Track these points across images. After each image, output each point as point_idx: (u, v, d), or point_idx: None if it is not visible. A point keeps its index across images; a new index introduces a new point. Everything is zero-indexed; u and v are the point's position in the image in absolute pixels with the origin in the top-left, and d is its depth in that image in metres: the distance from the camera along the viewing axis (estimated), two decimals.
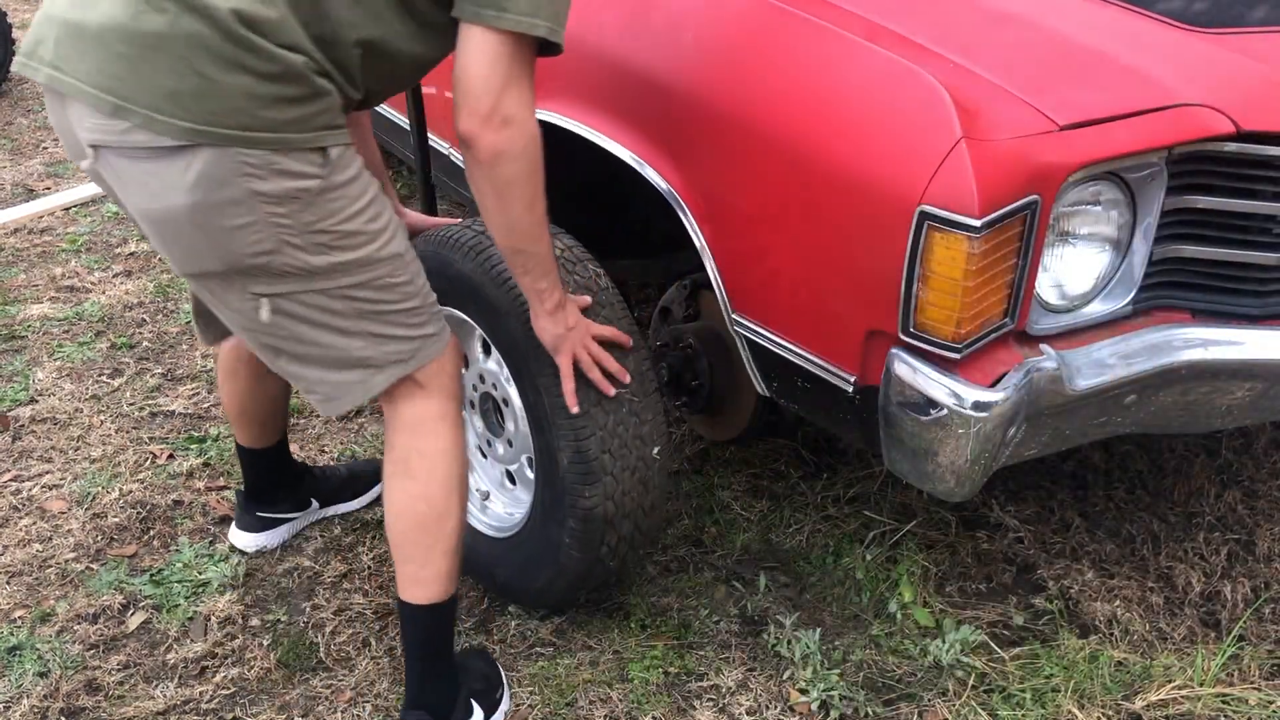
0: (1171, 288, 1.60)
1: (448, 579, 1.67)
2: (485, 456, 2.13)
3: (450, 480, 1.63)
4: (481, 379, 2.01)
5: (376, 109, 2.78)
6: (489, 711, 1.78)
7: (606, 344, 1.74)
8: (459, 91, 1.40)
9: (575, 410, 1.72)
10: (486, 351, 1.97)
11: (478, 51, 1.39)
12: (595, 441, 1.74)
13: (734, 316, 1.73)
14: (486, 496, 2.11)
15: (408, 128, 2.38)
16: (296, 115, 1.36)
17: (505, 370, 1.90)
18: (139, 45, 1.30)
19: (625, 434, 1.77)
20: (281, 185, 1.38)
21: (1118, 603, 2.05)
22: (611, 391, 1.73)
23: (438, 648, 1.73)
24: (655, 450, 1.82)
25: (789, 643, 1.96)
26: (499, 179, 1.47)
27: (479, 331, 1.93)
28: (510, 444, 2.03)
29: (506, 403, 1.97)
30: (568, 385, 1.70)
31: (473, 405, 2.10)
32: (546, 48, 1.43)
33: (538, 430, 1.80)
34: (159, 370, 2.91)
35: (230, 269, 1.43)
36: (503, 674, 1.86)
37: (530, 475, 2.00)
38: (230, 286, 1.46)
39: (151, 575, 2.16)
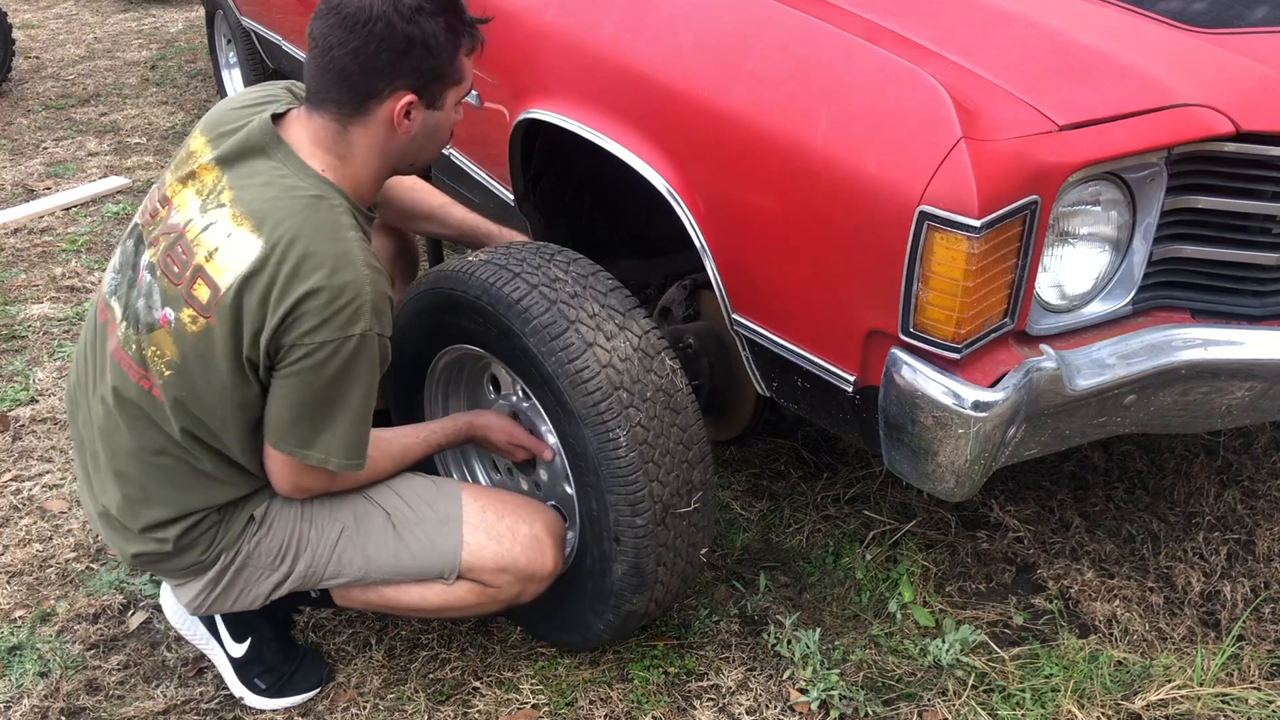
0: (1171, 288, 1.60)
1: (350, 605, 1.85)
2: (498, 474, 2.08)
3: (405, 608, 1.81)
4: (515, 416, 1.91)
5: None
6: (244, 668, 1.86)
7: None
8: (266, 472, 1.63)
9: (548, 457, 1.83)
10: (527, 399, 1.87)
11: (272, 461, 1.60)
12: (653, 557, 1.72)
13: (734, 316, 1.73)
14: None
15: None
16: (188, 561, 1.67)
17: (563, 460, 1.79)
18: None
19: (681, 545, 1.75)
20: (229, 582, 1.70)
21: (1118, 603, 2.05)
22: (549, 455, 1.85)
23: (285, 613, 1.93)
24: (703, 551, 1.83)
25: (789, 642, 1.96)
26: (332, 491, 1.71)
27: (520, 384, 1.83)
28: (538, 487, 1.96)
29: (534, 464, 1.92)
30: (529, 440, 1.86)
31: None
32: None
33: (595, 538, 1.75)
34: None
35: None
36: (293, 696, 1.87)
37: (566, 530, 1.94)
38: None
39: (152, 575, 2.16)
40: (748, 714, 1.84)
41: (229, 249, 1.49)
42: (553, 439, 1.81)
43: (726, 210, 1.68)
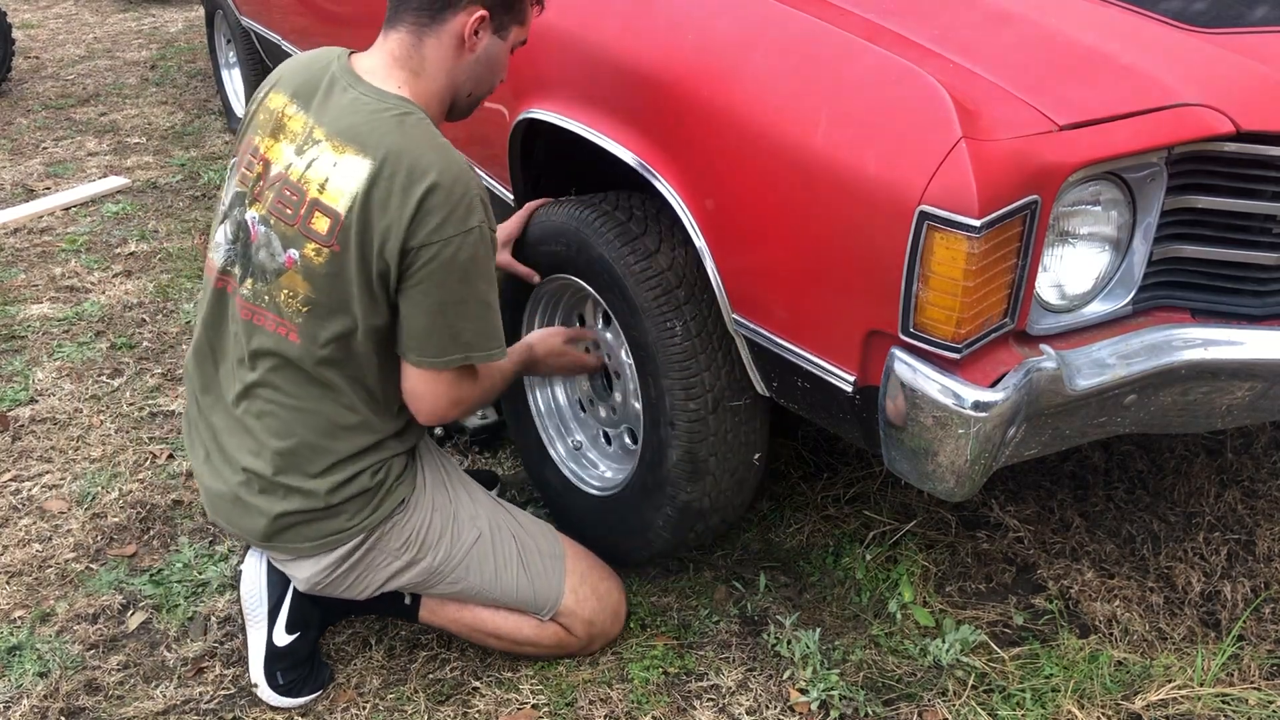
0: (1171, 288, 1.60)
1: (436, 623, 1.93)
2: (584, 411, 2.20)
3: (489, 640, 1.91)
4: (596, 345, 2.09)
5: None
6: (275, 659, 1.86)
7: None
8: (411, 401, 1.68)
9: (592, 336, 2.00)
10: (606, 322, 2.05)
11: (417, 383, 1.65)
12: (706, 445, 1.84)
13: (734, 317, 1.73)
14: (580, 447, 2.20)
15: None
16: (332, 528, 1.72)
17: (628, 355, 1.96)
18: None
19: (734, 440, 1.87)
20: (356, 561, 1.76)
21: (1118, 603, 2.05)
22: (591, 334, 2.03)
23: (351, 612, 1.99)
24: (756, 456, 1.93)
25: (789, 643, 1.96)
26: (470, 411, 1.76)
27: (603, 307, 1.99)
28: (614, 411, 2.11)
29: (618, 375, 2.05)
30: (587, 360, 2.03)
31: None
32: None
33: (653, 425, 1.89)
34: (159, 370, 2.91)
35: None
36: (299, 697, 1.87)
37: (629, 444, 2.10)
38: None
39: (151, 575, 2.16)
40: (748, 714, 1.84)
41: (339, 175, 1.56)
42: (612, 338, 2.01)
43: (726, 210, 1.68)
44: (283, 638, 1.86)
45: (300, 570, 1.77)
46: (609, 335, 2.04)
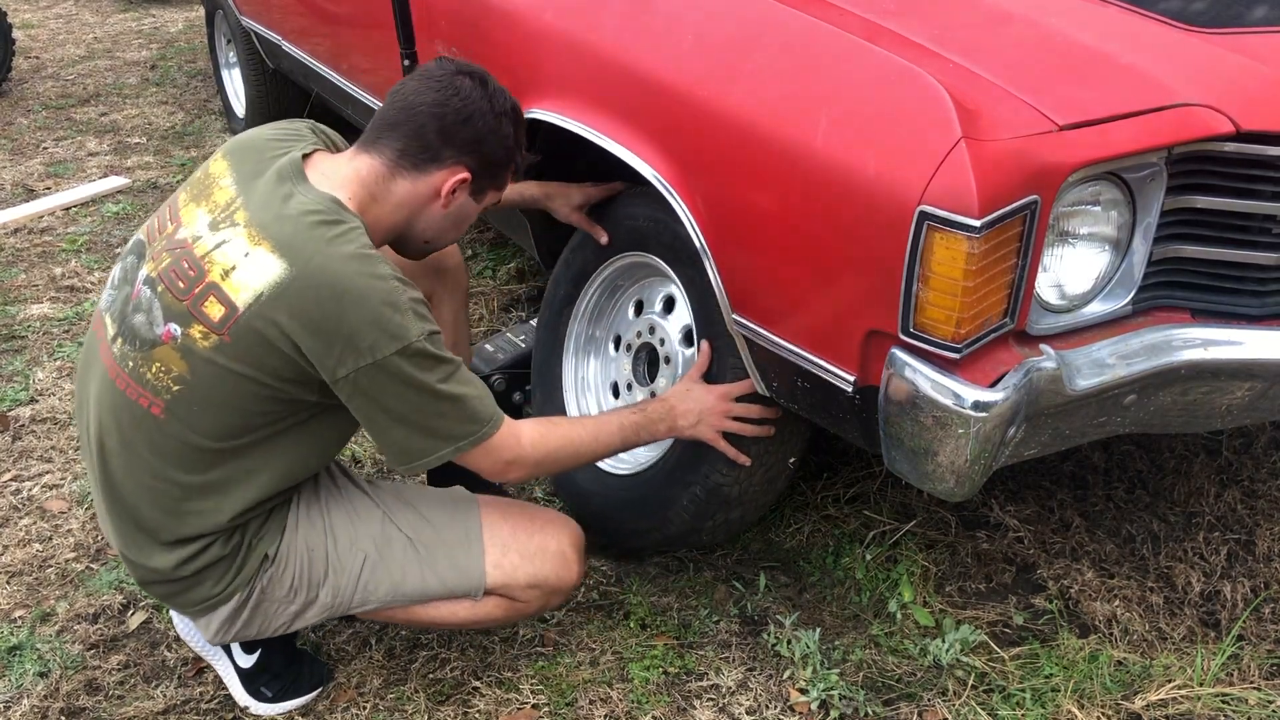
0: (1171, 288, 1.60)
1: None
2: (617, 397, 2.19)
3: (425, 623, 1.82)
4: (651, 330, 2.08)
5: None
6: (251, 678, 1.85)
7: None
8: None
9: (745, 463, 1.88)
10: (668, 310, 2.05)
11: (470, 463, 1.62)
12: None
13: (734, 317, 1.73)
14: None
15: None
16: (201, 595, 1.67)
17: (682, 343, 1.98)
18: None
19: (776, 433, 1.88)
20: (249, 616, 1.70)
21: (1118, 603, 2.05)
22: (745, 453, 1.87)
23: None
24: (791, 460, 1.97)
25: (789, 642, 1.96)
26: (552, 472, 1.76)
27: (668, 290, 2.02)
28: (653, 397, 2.08)
29: (668, 360, 2.04)
30: (727, 451, 1.86)
31: (628, 349, 2.15)
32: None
33: None
34: None
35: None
36: (297, 699, 1.87)
37: None
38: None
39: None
40: (748, 714, 1.84)
41: (248, 268, 1.47)
42: (689, 317, 1.98)
43: (726, 210, 1.68)
44: (246, 659, 1.84)
45: (202, 629, 1.73)
46: (666, 322, 2.04)
